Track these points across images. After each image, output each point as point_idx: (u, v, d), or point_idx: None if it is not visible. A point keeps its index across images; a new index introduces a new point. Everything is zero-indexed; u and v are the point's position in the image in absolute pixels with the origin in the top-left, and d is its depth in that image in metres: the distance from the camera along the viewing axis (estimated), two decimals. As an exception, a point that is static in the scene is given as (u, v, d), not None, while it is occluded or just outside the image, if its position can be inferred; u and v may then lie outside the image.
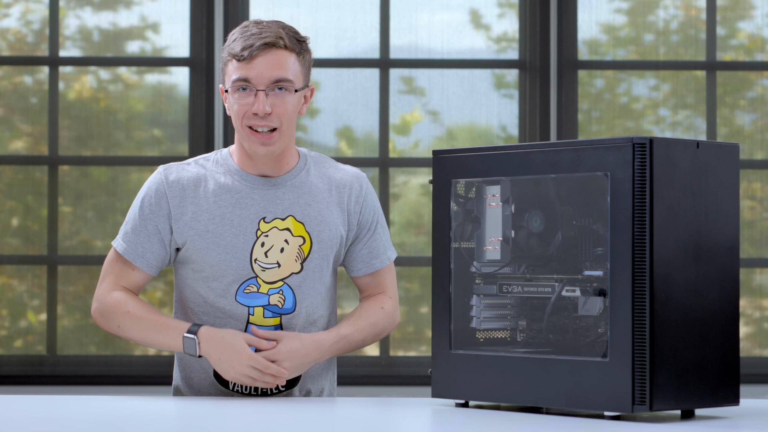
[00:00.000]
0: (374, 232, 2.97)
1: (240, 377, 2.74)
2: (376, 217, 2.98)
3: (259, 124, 2.81)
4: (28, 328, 5.07)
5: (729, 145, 2.48)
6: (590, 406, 2.38)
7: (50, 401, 2.75)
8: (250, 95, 2.80)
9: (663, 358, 2.33)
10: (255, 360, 2.73)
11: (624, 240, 2.35)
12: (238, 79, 2.80)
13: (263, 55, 2.78)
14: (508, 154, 2.55)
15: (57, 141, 5.05)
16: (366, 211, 2.96)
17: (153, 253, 2.87)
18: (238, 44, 2.80)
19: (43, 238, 5.05)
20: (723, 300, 2.44)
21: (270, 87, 2.80)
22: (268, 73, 2.79)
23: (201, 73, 5.03)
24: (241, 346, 2.74)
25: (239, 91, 2.81)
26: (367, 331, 2.91)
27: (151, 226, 2.87)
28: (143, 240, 2.87)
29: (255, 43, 2.78)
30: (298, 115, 2.88)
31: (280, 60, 2.80)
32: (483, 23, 5.16)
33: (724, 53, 5.18)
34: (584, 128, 5.11)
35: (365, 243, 2.96)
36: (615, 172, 2.37)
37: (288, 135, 2.86)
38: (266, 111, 2.79)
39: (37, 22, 5.11)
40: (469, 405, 2.60)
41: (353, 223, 2.94)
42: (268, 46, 2.78)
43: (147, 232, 2.87)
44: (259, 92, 2.79)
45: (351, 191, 2.95)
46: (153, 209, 2.87)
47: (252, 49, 2.78)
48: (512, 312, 2.67)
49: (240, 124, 2.83)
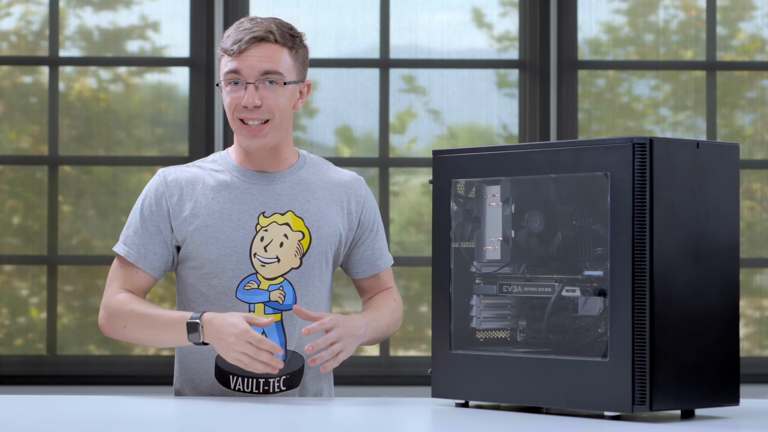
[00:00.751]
0: (377, 233, 3.01)
1: (238, 356, 2.69)
2: (376, 218, 3.02)
3: (250, 116, 2.85)
4: (28, 328, 5.07)
5: (729, 145, 2.48)
6: (590, 406, 2.38)
7: (50, 401, 2.75)
8: (241, 88, 2.85)
9: (663, 358, 2.33)
10: (250, 335, 2.68)
11: (624, 240, 2.35)
12: (229, 72, 2.85)
13: (253, 48, 2.83)
14: (508, 154, 2.55)
15: (57, 141, 5.05)
16: (367, 212, 2.98)
17: (156, 254, 2.87)
18: (230, 39, 2.86)
19: (43, 237, 5.05)
20: (723, 300, 2.44)
21: (259, 80, 2.83)
22: (257, 66, 2.83)
23: (201, 72, 5.03)
24: (238, 320, 2.71)
25: (231, 84, 2.86)
26: (388, 317, 2.94)
27: (153, 227, 2.87)
28: (146, 241, 2.87)
29: (245, 37, 2.83)
30: (294, 111, 2.91)
31: (269, 53, 2.84)
32: (483, 23, 5.16)
33: (725, 53, 5.18)
34: (584, 128, 5.11)
35: (369, 245, 2.99)
36: (615, 172, 2.37)
37: (282, 128, 2.88)
38: (255, 104, 2.83)
39: (37, 21, 5.11)
40: (469, 405, 2.60)
41: (354, 223, 2.96)
42: (257, 39, 2.83)
43: (149, 234, 2.87)
44: (248, 85, 2.83)
45: (351, 191, 2.97)
46: (153, 210, 2.88)
47: (241, 43, 2.83)
48: (512, 312, 2.67)
49: (232, 117, 2.87)
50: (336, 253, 2.95)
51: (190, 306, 2.89)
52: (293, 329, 2.88)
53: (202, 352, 2.88)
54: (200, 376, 2.89)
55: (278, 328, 2.87)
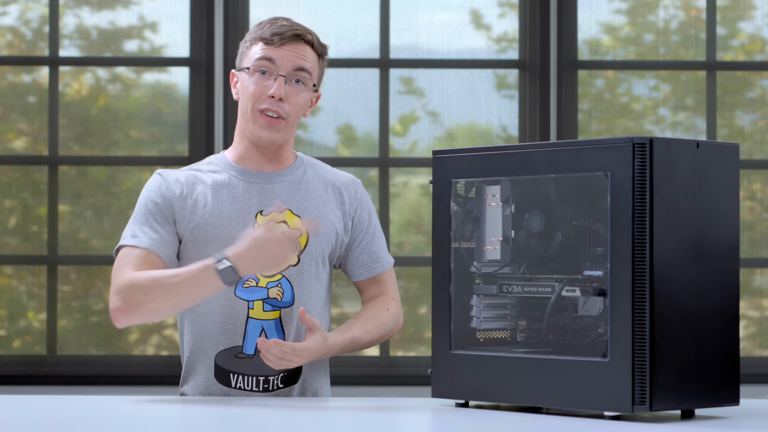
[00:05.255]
0: (372, 236, 3.01)
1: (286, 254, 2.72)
2: (372, 220, 3.02)
3: (271, 108, 2.87)
4: (28, 328, 5.07)
5: (729, 145, 2.49)
6: (590, 406, 2.39)
7: (50, 401, 2.76)
8: (269, 79, 2.88)
9: (663, 358, 2.34)
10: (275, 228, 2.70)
11: (624, 240, 2.35)
12: (263, 58, 2.88)
13: (292, 43, 2.89)
14: (508, 154, 2.55)
15: (57, 141, 5.05)
16: (361, 212, 2.99)
17: (166, 241, 2.85)
18: (269, 30, 2.90)
19: (42, 237, 5.05)
20: (723, 300, 2.44)
21: (290, 75, 2.88)
22: (293, 60, 2.89)
23: (201, 73, 5.03)
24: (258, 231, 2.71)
25: (258, 73, 2.88)
26: (375, 332, 2.94)
27: (160, 216, 2.87)
28: (156, 228, 2.84)
29: (286, 32, 2.89)
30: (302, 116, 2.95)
31: (306, 53, 2.91)
32: (483, 23, 5.16)
33: (725, 53, 5.18)
34: (584, 128, 5.12)
35: (364, 247, 3.00)
36: (615, 172, 2.37)
37: (292, 128, 2.93)
38: (281, 95, 2.85)
39: (35, 20, 5.11)
40: (469, 405, 2.60)
41: (348, 224, 2.97)
42: (298, 37, 2.90)
43: (157, 223, 2.85)
44: (279, 77, 2.87)
45: (347, 191, 3.00)
46: (157, 202, 2.88)
47: (283, 36, 2.88)
48: (512, 312, 2.68)
49: (252, 106, 2.88)
50: (332, 252, 2.96)
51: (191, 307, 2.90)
52: (291, 326, 2.89)
53: (204, 352, 2.89)
54: (201, 376, 2.90)
55: (277, 326, 2.88)
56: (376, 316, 2.96)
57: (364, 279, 3.02)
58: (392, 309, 3.00)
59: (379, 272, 3.02)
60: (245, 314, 2.87)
